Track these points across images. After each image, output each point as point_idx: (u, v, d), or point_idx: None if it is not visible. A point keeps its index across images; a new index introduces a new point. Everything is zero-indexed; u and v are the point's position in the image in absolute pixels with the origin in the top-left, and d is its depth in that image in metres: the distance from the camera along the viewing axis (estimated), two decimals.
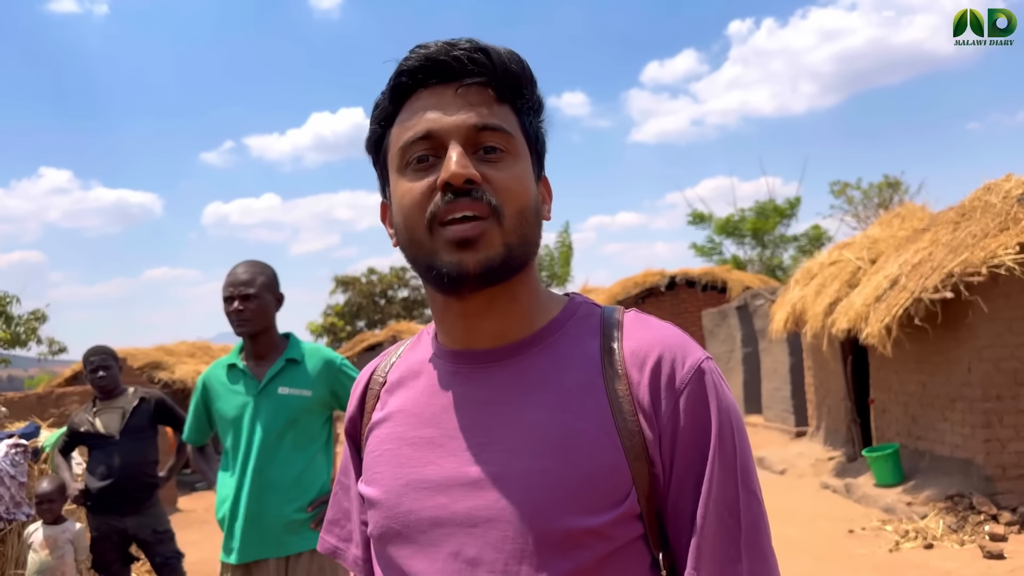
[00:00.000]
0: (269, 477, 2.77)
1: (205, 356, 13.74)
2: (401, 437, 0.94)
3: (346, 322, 27.86)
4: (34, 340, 14.28)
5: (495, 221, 0.86)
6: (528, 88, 0.94)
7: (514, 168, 0.89)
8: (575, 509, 0.84)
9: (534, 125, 0.95)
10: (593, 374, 0.89)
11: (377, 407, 1.00)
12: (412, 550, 0.90)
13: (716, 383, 0.89)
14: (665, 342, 0.90)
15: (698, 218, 26.12)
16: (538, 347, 0.92)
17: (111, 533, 4.30)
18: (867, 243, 8.99)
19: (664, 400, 0.86)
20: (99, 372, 4.43)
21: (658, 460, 0.86)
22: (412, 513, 0.90)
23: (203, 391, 2.99)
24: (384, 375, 1.02)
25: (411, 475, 0.91)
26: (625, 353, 0.89)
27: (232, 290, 2.84)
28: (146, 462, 4.40)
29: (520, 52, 0.93)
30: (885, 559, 5.73)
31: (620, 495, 0.85)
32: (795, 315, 9.31)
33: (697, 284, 17.30)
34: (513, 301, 0.92)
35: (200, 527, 8.42)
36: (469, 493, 0.87)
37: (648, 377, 0.87)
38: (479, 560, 0.85)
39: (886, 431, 8.35)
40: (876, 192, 23.52)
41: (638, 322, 0.93)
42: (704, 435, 0.86)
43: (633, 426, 0.86)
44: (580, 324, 0.94)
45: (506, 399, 0.90)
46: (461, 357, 0.94)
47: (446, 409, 0.92)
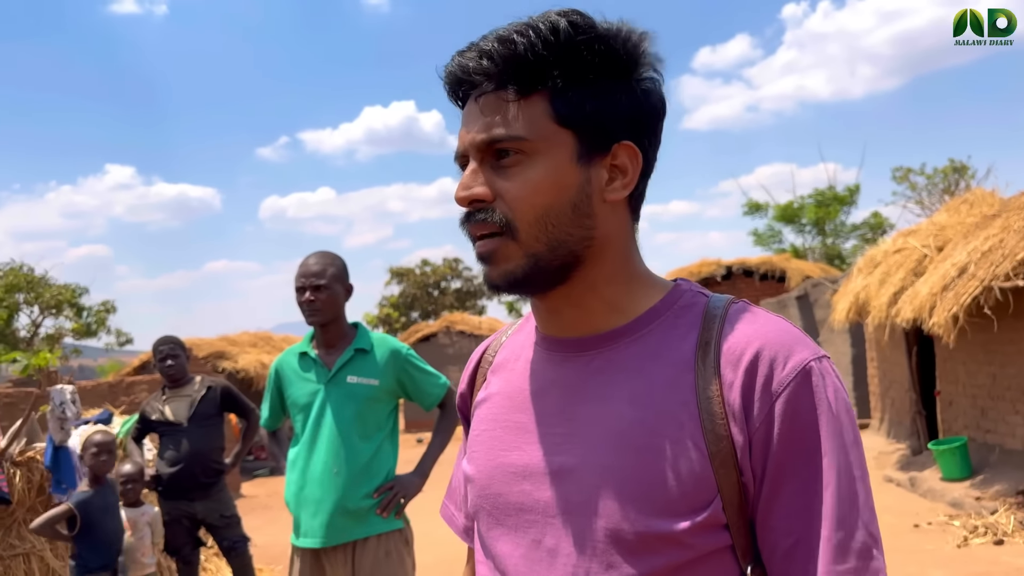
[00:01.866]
0: (337, 463, 2.83)
1: (267, 346, 14.06)
2: (496, 419, 0.95)
3: (400, 313, 28.18)
4: (104, 331, 14.82)
5: (509, 236, 0.85)
6: (571, 62, 0.84)
7: (530, 172, 0.84)
8: (649, 512, 0.80)
9: (583, 100, 0.85)
10: (684, 370, 0.83)
11: (483, 386, 1.01)
12: (500, 532, 0.91)
13: (826, 387, 0.80)
14: (767, 338, 0.82)
15: (754, 207, 25.67)
16: (630, 337, 0.88)
17: (181, 517, 4.45)
18: (933, 230, 8.72)
19: (758, 404, 0.79)
20: (168, 361, 4.58)
21: (748, 469, 0.80)
22: (500, 496, 0.91)
23: (276, 377, 3.07)
24: (493, 355, 1.03)
25: (501, 458, 0.92)
26: (722, 349, 0.82)
27: (304, 280, 2.92)
28: (213, 448, 4.54)
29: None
30: (953, 555, 5.58)
31: (701, 502, 0.80)
32: (858, 304, 9.09)
33: (755, 273, 17.01)
34: (590, 294, 0.89)
35: (263, 512, 8.64)
36: (549, 482, 0.86)
37: (742, 377, 0.80)
38: (557, 551, 0.85)
39: (953, 424, 8.11)
40: (941, 177, 22.79)
41: (743, 315, 0.85)
42: (806, 445, 0.79)
43: (721, 430, 0.80)
44: (679, 314, 0.88)
45: (592, 390, 0.87)
46: (553, 344, 0.92)
47: (537, 395, 0.91)
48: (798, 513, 0.79)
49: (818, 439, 0.79)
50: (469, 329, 17.25)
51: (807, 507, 0.78)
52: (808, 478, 0.79)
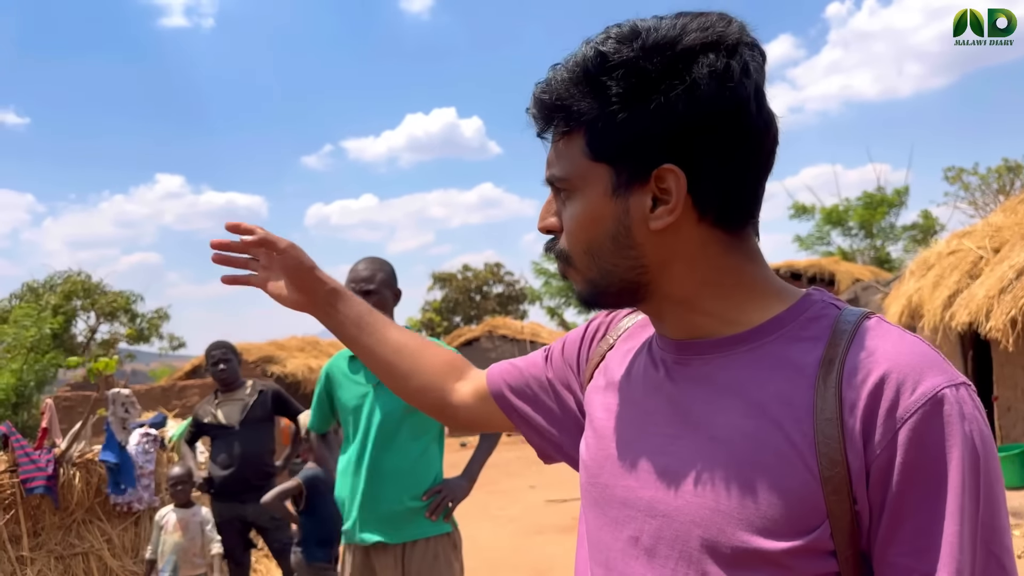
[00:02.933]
0: (386, 465, 2.86)
1: (314, 351, 14.26)
2: (610, 409, 0.95)
3: (443, 317, 28.36)
4: (157, 336, 15.19)
5: (569, 264, 0.90)
6: (595, 95, 0.82)
7: (573, 208, 0.87)
8: (748, 528, 0.77)
9: (614, 129, 0.81)
10: (804, 386, 0.78)
11: (600, 368, 1.03)
12: (603, 522, 0.91)
13: (960, 417, 0.73)
14: (896, 359, 0.76)
15: (800, 210, 25.28)
16: (748, 346, 0.84)
17: (233, 519, 4.53)
18: (989, 231, 8.49)
19: (880, 430, 0.74)
20: (220, 365, 4.68)
21: (864, 498, 0.75)
22: (607, 488, 0.92)
23: (326, 380, 3.12)
24: (615, 338, 1.04)
25: (611, 449, 0.93)
26: (846, 368, 0.77)
27: (354, 286, 2.97)
28: (264, 451, 4.62)
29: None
30: None
31: (807, 525, 0.76)
32: (911, 308, 8.89)
33: (803, 277, 16.75)
34: (682, 308, 0.87)
35: None
36: (652, 482, 0.86)
37: (865, 400, 0.75)
38: (654, 551, 0.85)
39: (1011, 430, 7.88)
40: (995, 177, 22.20)
41: (874, 332, 0.79)
42: (932, 479, 0.73)
43: (836, 455, 0.75)
44: (804, 326, 0.83)
45: (703, 395, 0.85)
46: (668, 344, 0.91)
47: (649, 392, 0.91)
48: (921, 552, 0.74)
49: (946, 473, 0.73)
50: (511, 334, 17.28)
51: (931, 546, 0.73)
52: (932, 513, 0.73)
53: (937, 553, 0.73)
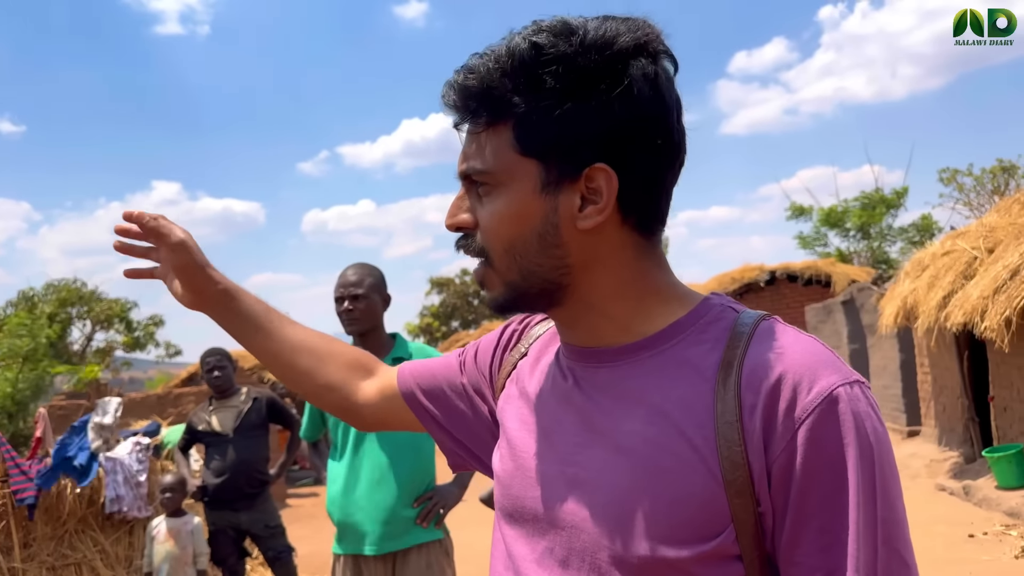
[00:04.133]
0: (376, 473, 2.85)
1: None
2: (522, 419, 0.94)
3: (441, 322, 28.33)
4: (152, 343, 15.15)
5: (488, 264, 0.86)
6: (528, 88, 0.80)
7: (496, 203, 0.83)
8: (655, 536, 0.76)
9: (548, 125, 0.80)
10: (704, 390, 0.78)
11: (512, 377, 1.00)
12: (517, 534, 0.90)
13: (856, 414, 0.74)
14: (792, 360, 0.76)
15: (797, 211, 25.29)
16: (650, 352, 0.83)
17: (227, 528, 4.52)
18: (983, 231, 8.49)
19: (779, 431, 0.74)
20: (215, 372, 4.66)
21: (767, 499, 0.74)
22: (519, 499, 0.90)
23: None
24: (526, 347, 1.01)
25: (521, 460, 0.91)
26: (744, 370, 0.77)
27: (342, 291, 2.96)
28: (258, 459, 4.60)
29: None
30: (1011, 566, 5.40)
31: (712, 531, 0.75)
32: (906, 309, 8.88)
33: (799, 278, 16.74)
34: (592, 313, 0.86)
35: (308, 522, 8.72)
36: (561, 493, 0.85)
37: (763, 402, 0.75)
38: (567, 563, 0.83)
39: (1008, 430, 7.87)
40: (990, 178, 22.21)
41: (771, 333, 0.79)
42: (831, 477, 0.73)
43: (738, 458, 0.74)
44: (704, 330, 0.82)
45: (608, 404, 0.84)
46: (573, 353, 0.90)
47: (559, 401, 0.90)
48: (825, 550, 0.73)
49: (845, 471, 0.73)
50: None
51: (834, 544, 0.73)
52: (834, 512, 0.73)
53: (840, 551, 0.73)
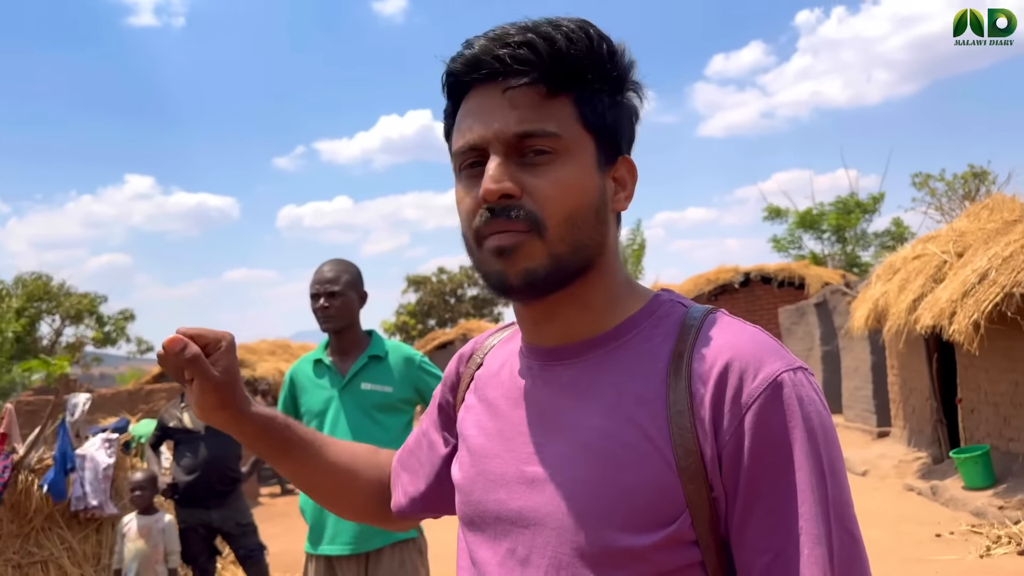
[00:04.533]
0: None
1: (285, 354, 14.13)
2: (481, 426, 0.95)
3: (418, 320, 28.24)
4: (124, 339, 14.96)
5: (536, 234, 0.82)
6: (596, 69, 0.85)
7: (561, 171, 0.83)
8: (614, 525, 0.78)
9: (603, 108, 0.86)
10: (657, 382, 0.81)
11: (470, 388, 1.01)
12: (480, 538, 0.91)
13: (800, 399, 0.77)
14: (737, 349, 0.79)
15: (774, 212, 25.52)
16: (607, 347, 0.86)
17: (197, 525, 4.47)
18: (953, 236, 8.63)
19: (727, 417, 0.77)
20: None
21: (719, 484, 0.77)
22: (480, 504, 0.91)
23: (290, 385, 3.09)
24: (481, 357, 1.03)
25: (482, 465, 0.92)
26: (693, 361, 0.80)
27: (318, 287, 2.94)
28: (230, 456, 4.56)
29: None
30: (975, 565, 5.49)
31: (668, 517, 0.77)
32: (877, 311, 9.00)
33: (773, 280, 16.90)
34: (582, 303, 0.88)
35: (281, 520, 8.66)
36: (523, 492, 0.86)
37: (712, 390, 0.78)
38: (528, 561, 0.85)
39: (975, 432, 8.00)
40: (961, 183, 22.55)
41: (717, 325, 0.84)
42: (778, 461, 0.76)
43: (691, 444, 0.77)
44: (656, 324, 0.86)
45: (567, 401, 0.86)
46: (533, 352, 0.92)
47: (516, 403, 0.91)
48: (774, 530, 0.76)
49: (791, 454, 0.76)
50: None
51: (783, 524, 0.76)
52: (783, 494, 0.76)
53: (789, 531, 0.75)
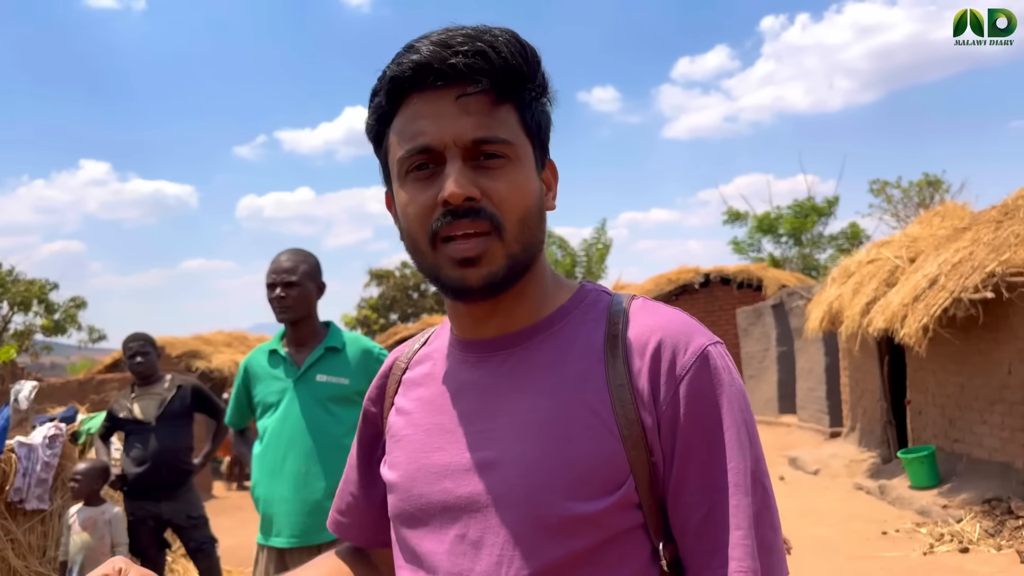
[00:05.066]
0: (305, 462, 2.81)
1: (242, 346, 13.95)
2: (417, 424, 0.97)
3: (380, 315, 28.07)
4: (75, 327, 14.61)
5: (496, 236, 0.86)
6: (531, 78, 0.90)
7: (515, 175, 0.87)
8: (568, 495, 0.84)
9: (537, 115, 0.92)
10: (595, 361, 0.88)
11: (398, 393, 1.03)
12: (423, 532, 0.93)
13: (723, 369, 0.86)
14: (667, 328, 0.88)
15: (734, 216, 25.85)
16: (543, 335, 0.92)
17: (147, 518, 4.39)
18: (906, 242, 8.83)
19: (664, 388, 0.85)
20: (137, 358, 4.53)
21: (658, 449, 0.85)
22: (423, 497, 0.93)
23: (244, 375, 3.05)
24: (406, 362, 1.05)
25: (423, 460, 0.94)
26: (628, 341, 0.88)
27: (275, 277, 2.90)
28: (181, 448, 4.49)
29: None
30: (919, 562, 5.64)
31: (615, 483, 0.84)
32: (831, 314, 9.18)
33: (732, 282, 17.14)
34: (520, 298, 0.93)
35: (235, 513, 8.56)
36: (472, 478, 0.89)
37: (648, 364, 0.86)
38: (481, 543, 0.88)
39: (922, 433, 8.21)
40: (916, 191, 23.08)
41: (644, 309, 0.92)
42: (709, 424, 0.84)
43: (631, 414, 0.85)
44: (587, 311, 0.93)
45: (509, 386, 0.91)
46: (470, 347, 0.96)
47: (456, 396, 0.95)
48: (707, 487, 0.84)
49: (719, 415, 0.85)
50: None
51: (716, 480, 0.84)
52: (714, 452, 0.84)
53: (722, 486, 0.84)
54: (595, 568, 0.85)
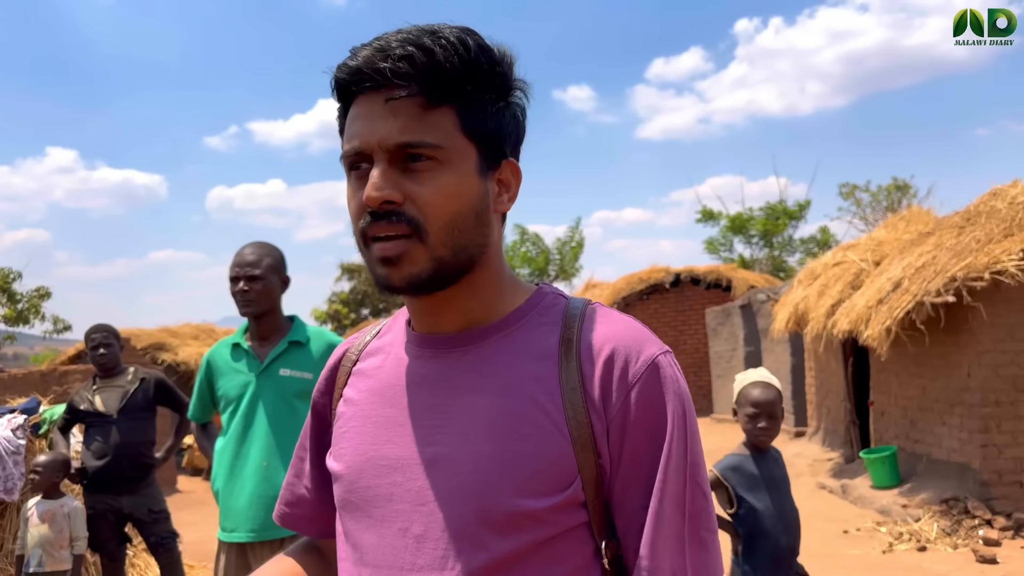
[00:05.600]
0: (267, 457, 2.79)
1: (209, 339, 13.79)
2: (366, 415, 0.97)
3: (351, 309, 27.91)
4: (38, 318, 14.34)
5: (417, 239, 0.87)
6: (477, 80, 0.90)
7: (441, 179, 0.88)
8: (517, 492, 0.86)
9: (485, 116, 0.91)
10: (549, 364, 0.90)
11: (348, 384, 1.03)
12: (366, 524, 0.93)
13: (671, 378, 0.90)
14: (620, 336, 0.91)
15: (707, 215, 26.07)
16: (499, 335, 0.94)
17: (107, 512, 4.33)
18: (871, 245, 8.97)
19: (615, 393, 0.88)
20: (100, 349, 4.47)
21: (606, 452, 0.88)
22: (370, 489, 0.94)
23: (207, 369, 3.02)
24: (357, 354, 1.05)
25: (371, 452, 0.95)
26: (581, 346, 0.90)
27: (238, 270, 2.87)
28: (143, 442, 4.43)
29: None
30: (878, 560, 5.74)
31: (564, 482, 0.87)
32: (797, 315, 9.29)
33: (702, 282, 17.27)
34: (471, 296, 0.94)
35: (198, 508, 8.47)
36: (421, 472, 0.90)
37: (600, 370, 0.88)
38: (425, 537, 0.89)
39: (884, 433, 8.35)
40: (885, 195, 23.44)
41: (598, 316, 0.94)
42: (656, 429, 0.88)
43: (582, 417, 0.87)
44: (543, 314, 0.95)
45: (463, 384, 0.92)
46: (426, 341, 0.96)
47: (409, 390, 0.95)
48: (650, 491, 0.87)
49: (666, 424, 0.88)
50: None
51: (658, 484, 0.87)
52: (658, 457, 0.87)
53: (661, 493, 0.87)
54: (539, 563, 0.87)
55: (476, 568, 0.86)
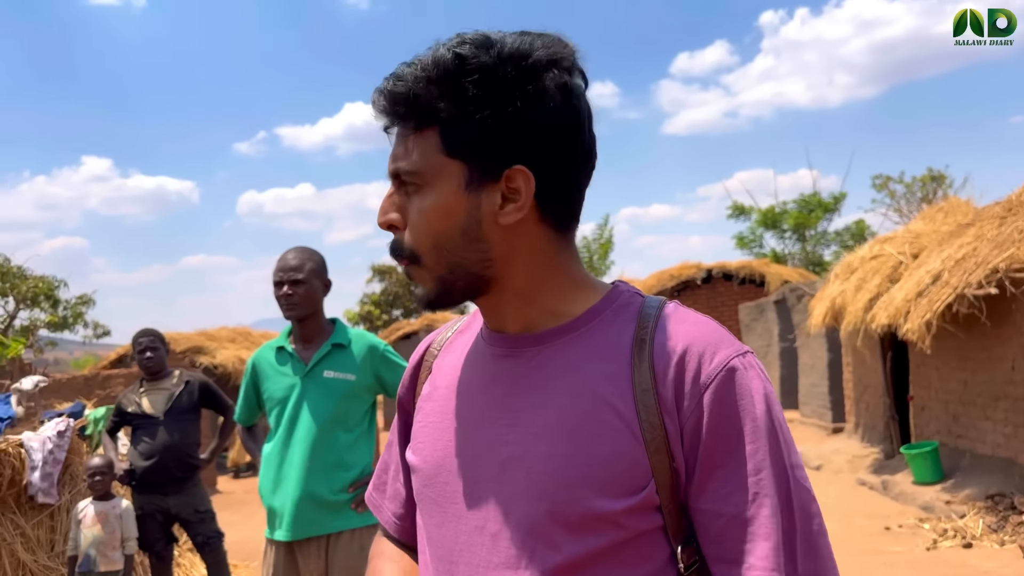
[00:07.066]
0: (312, 458, 2.84)
1: (246, 342, 13.97)
2: (443, 411, 0.99)
3: (382, 310, 28.11)
4: (80, 324, 14.65)
5: (416, 263, 0.92)
6: (455, 95, 0.87)
7: (422, 202, 0.91)
8: (590, 495, 0.85)
9: (471, 129, 0.88)
10: (622, 364, 0.89)
11: (428, 379, 1.05)
12: (442, 519, 0.95)
13: (749, 380, 0.87)
14: (696, 337, 0.89)
15: (738, 210, 25.84)
16: (572, 334, 0.93)
17: (155, 512, 4.43)
18: (909, 237, 8.84)
19: (688, 396, 0.86)
20: (147, 353, 4.56)
21: (680, 455, 0.86)
22: (447, 485, 0.95)
23: (252, 372, 3.08)
24: (438, 348, 1.07)
25: (448, 448, 0.96)
26: (655, 346, 0.89)
27: (282, 275, 2.93)
28: (188, 443, 4.52)
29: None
30: (922, 557, 5.66)
31: (637, 485, 0.86)
32: (834, 310, 9.19)
33: (734, 278, 17.13)
34: (519, 301, 0.94)
35: (240, 508, 8.60)
36: (496, 470, 0.91)
37: (673, 372, 0.87)
38: (500, 535, 0.89)
39: (925, 429, 8.22)
40: (919, 186, 23.07)
41: (674, 315, 0.92)
42: (733, 433, 0.85)
43: (655, 419, 0.86)
44: (617, 313, 0.94)
45: (537, 383, 0.92)
46: (499, 339, 0.97)
47: (484, 387, 0.96)
48: (728, 496, 0.85)
49: (742, 428, 0.86)
50: None
51: (736, 490, 0.85)
52: (736, 463, 0.85)
53: (743, 498, 0.85)
54: (612, 566, 0.87)
55: (550, 568, 0.86)
